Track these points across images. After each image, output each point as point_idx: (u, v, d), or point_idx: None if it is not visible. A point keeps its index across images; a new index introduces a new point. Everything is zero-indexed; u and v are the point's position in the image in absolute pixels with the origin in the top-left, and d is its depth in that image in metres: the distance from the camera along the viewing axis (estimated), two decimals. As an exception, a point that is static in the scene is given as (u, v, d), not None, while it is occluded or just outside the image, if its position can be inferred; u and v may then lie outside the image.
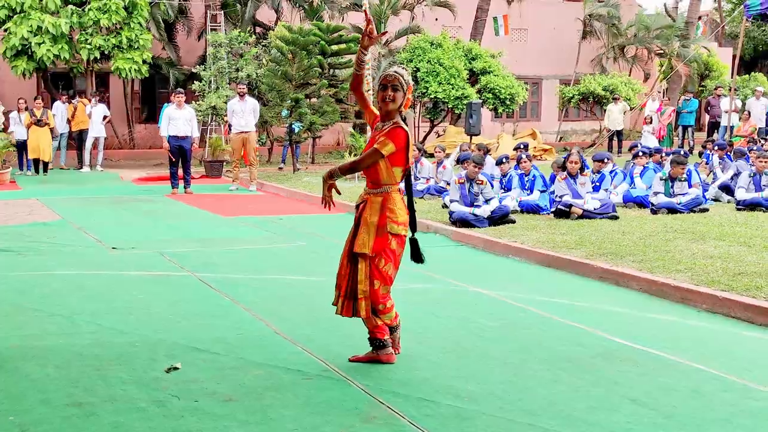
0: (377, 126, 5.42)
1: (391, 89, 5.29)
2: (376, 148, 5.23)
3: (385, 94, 5.30)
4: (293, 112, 19.55)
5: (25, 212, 13.21)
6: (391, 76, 5.32)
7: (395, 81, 5.30)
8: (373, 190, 5.38)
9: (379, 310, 5.39)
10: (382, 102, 5.32)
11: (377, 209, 5.31)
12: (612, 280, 8.24)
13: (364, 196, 5.44)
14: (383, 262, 5.32)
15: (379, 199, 5.33)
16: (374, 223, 5.29)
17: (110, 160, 23.62)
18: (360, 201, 5.46)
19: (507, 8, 30.69)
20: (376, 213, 5.30)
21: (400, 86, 5.31)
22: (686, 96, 25.71)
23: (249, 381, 5.18)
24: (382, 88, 5.33)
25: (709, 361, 5.67)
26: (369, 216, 5.31)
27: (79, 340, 6.05)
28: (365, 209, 5.35)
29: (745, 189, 12.83)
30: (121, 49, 21.73)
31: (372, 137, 5.44)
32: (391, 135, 5.25)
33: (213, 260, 9.34)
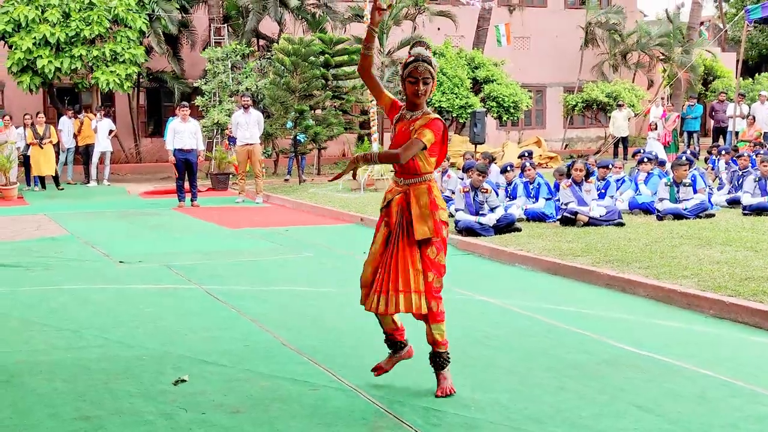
0: (402, 114, 5.10)
1: (422, 83, 4.95)
2: (417, 139, 4.86)
3: (416, 88, 4.95)
4: (298, 123, 19.61)
5: (33, 227, 13.26)
6: (422, 67, 4.93)
7: (426, 74, 4.94)
8: (413, 179, 5.03)
9: (432, 311, 5.03)
10: (412, 96, 4.99)
11: (425, 194, 4.99)
12: (618, 286, 8.23)
13: (401, 187, 5.07)
14: (435, 251, 5.01)
15: (423, 186, 5.02)
16: (426, 207, 4.96)
17: (117, 174, 23.71)
18: (395, 194, 5.08)
19: (509, 17, 30.77)
20: (425, 198, 4.98)
21: (431, 78, 4.97)
22: (690, 102, 25.69)
23: (256, 392, 5.19)
24: (412, 82, 4.95)
25: (715, 366, 5.66)
26: (417, 203, 4.98)
27: (86, 354, 6.08)
28: (409, 198, 5.00)
29: (750, 194, 12.81)
30: (104, 61, 21.76)
31: (401, 128, 5.08)
32: (429, 125, 4.92)
33: (220, 272, 9.37)
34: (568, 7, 32.60)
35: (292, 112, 19.60)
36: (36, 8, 21.12)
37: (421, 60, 4.92)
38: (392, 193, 5.11)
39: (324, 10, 26.10)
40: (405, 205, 5.01)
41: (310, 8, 26.50)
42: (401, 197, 5.04)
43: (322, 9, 26.20)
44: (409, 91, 4.99)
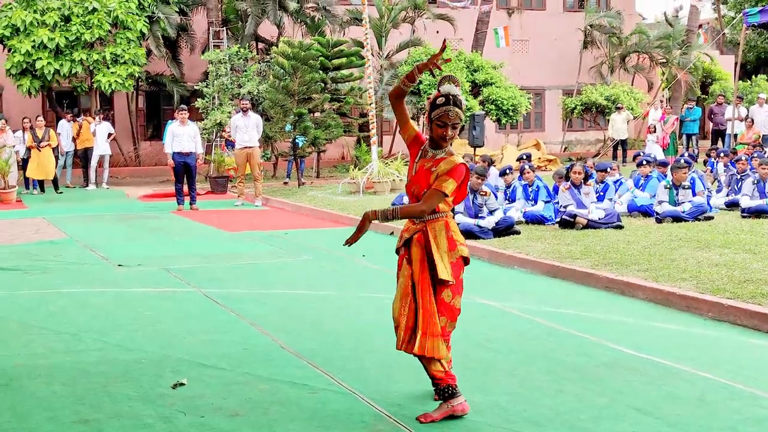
0: (425, 150, 4.92)
1: (451, 128, 4.78)
2: (438, 191, 4.72)
3: (443, 132, 4.78)
4: (297, 126, 19.62)
5: (32, 231, 13.26)
6: (452, 113, 4.76)
7: (456, 120, 4.78)
8: (430, 217, 4.84)
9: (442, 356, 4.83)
10: (439, 139, 4.81)
11: (442, 232, 4.83)
12: (617, 289, 8.24)
13: (418, 226, 4.88)
14: (450, 295, 4.84)
15: (440, 223, 4.84)
16: (444, 248, 4.82)
17: (116, 178, 23.70)
18: (412, 232, 4.90)
19: (508, 20, 30.79)
20: (442, 236, 4.83)
21: (460, 122, 4.81)
22: (689, 104, 25.72)
23: (255, 396, 5.19)
24: (440, 126, 4.78)
25: (714, 369, 5.66)
26: (436, 242, 4.81)
27: (85, 358, 6.08)
28: (427, 236, 4.82)
29: (749, 196, 12.82)
30: (105, 64, 21.80)
31: (422, 166, 4.88)
32: (453, 173, 4.75)
33: (218, 276, 9.37)
34: (566, 10, 32.62)
35: (291, 115, 19.61)
36: (34, 12, 21.13)
37: (452, 104, 4.74)
38: (409, 232, 4.94)
39: (323, 14, 26.12)
40: (423, 243, 4.85)
41: (309, 11, 26.52)
42: (419, 236, 4.87)
43: (321, 12, 26.23)
44: (437, 134, 4.82)
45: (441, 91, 4.81)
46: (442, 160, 4.82)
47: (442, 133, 4.79)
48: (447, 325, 4.85)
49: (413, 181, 4.92)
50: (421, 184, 4.84)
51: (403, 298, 4.89)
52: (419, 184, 4.85)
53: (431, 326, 4.74)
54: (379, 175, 17.97)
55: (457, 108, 4.76)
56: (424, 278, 4.82)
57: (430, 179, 4.80)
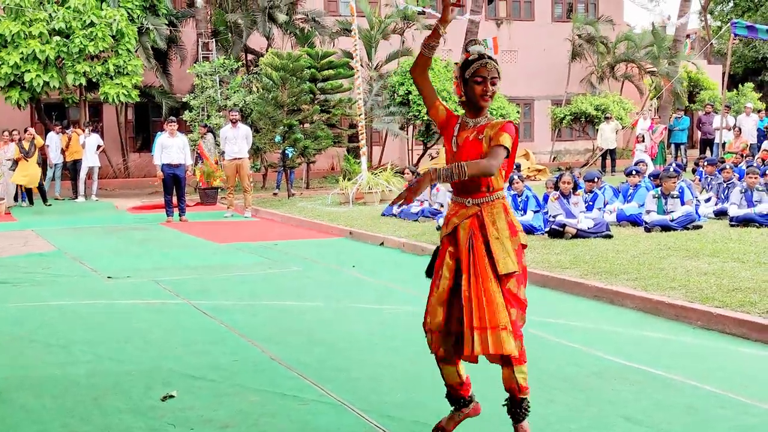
0: (464, 123, 4.40)
1: (490, 83, 4.30)
2: (500, 146, 4.20)
3: (484, 89, 4.28)
4: (286, 137, 19.62)
5: (20, 243, 13.21)
6: (490, 65, 4.30)
7: (495, 73, 4.30)
8: (484, 198, 4.30)
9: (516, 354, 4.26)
10: (479, 98, 4.30)
11: (501, 216, 4.29)
12: (606, 298, 8.26)
13: (470, 208, 4.31)
14: (516, 284, 4.28)
15: (498, 206, 4.31)
16: (506, 235, 4.26)
17: (105, 190, 23.65)
18: (463, 218, 4.31)
19: (496, 30, 30.90)
20: (502, 220, 4.28)
21: (499, 77, 4.33)
22: (677, 114, 25.85)
23: (245, 407, 5.18)
24: (479, 82, 4.28)
25: (704, 377, 5.68)
26: (495, 228, 4.25)
27: (74, 370, 6.05)
28: (482, 221, 4.27)
29: (737, 205, 12.87)
30: (109, 76, 21.84)
31: (466, 138, 4.35)
32: (505, 128, 4.27)
33: (208, 287, 9.35)
34: (555, 20, 32.76)
35: (280, 127, 19.62)
36: (22, 24, 21.10)
37: (488, 58, 4.31)
38: (459, 217, 4.33)
39: (312, 25, 26.17)
40: (478, 229, 4.27)
41: (299, 23, 26.57)
42: (472, 221, 4.28)
43: (311, 24, 26.28)
44: (477, 92, 4.29)
45: (470, 51, 4.37)
46: (485, 125, 4.33)
47: (482, 90, 4.29)
48: (518, 318, 4.28)
49: (461, 155, 4.32)
50: (471, 155, 4.28)
51: (441, 304, 4.39)
52: (470, 156, 4.28)
53: (496, 318, 4.14)
54: (369, 186, 17.98)
55: (493, 62, 4.32)
56: (482, 267, 4.19)
57: (481, 148, 4.27)
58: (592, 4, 33.65)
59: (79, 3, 21.35)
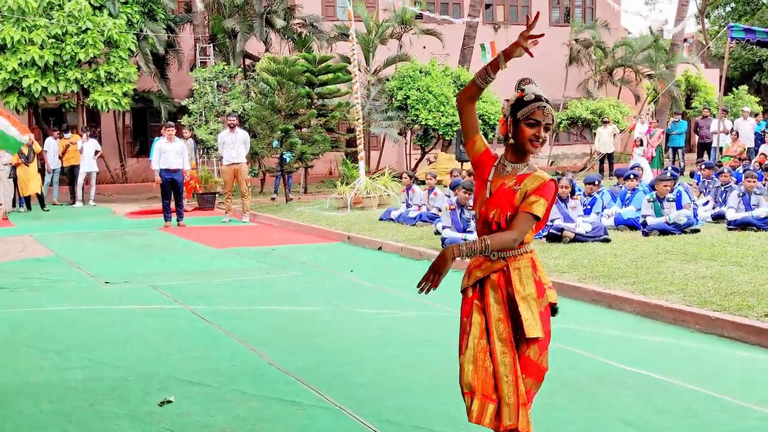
0: (501, 165, 3.99)
1: (543, 129, 3.90)
2: (528, 214, 3.82)
3: (536, 132, 3.89)
4: (284, 142, 19.63)
5: (18, 249, 13.20)
6: (548, 110, 3.93)
7: (551, 119, 3.93)
8: (511, 252, 3.89)
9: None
10: (528, 142, 3.90)
11: (529, 276, 3.90)
12: (605, 302, 8.25)
13: (496, 264, 3.91)
14: (538, 351, 3.92)
15: (525, 260, 3.91)
16: (533, 296, 3.88)
17: (103, 195, 23.63)
18: (488, 272, 3.93)
19: (494, 34, 30.94)
20: (529, 280, 3.90)
21: (553, 123, 3.98)
22: (675, 118, 25.87)
23: (243, 412, 5.17)
24: (531, 124, 3.89)
25: (702, 381, 5.67)
26: (522, 285, 3.88)
27: (72, 375, 6.04)
28: (509, 278, 3.89)
29: (735, 209, 12.88)
30: (100, 82, 21.82)
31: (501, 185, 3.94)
32: (542, 191, 3.86)
33: (206, 292, 9.34)
34: (552, 24, 32.80)
35: (277, 131, 19.63)
36: (23, 30, 21.10)
37: (545, 101, 3.95)
38: (483, 271, 3.96)
39: (310, 30, 26.19)
40: (504, 287, 3.91)
41: (296, 28, 26.59)
42: (499, 277, 3.91)
43: (308, 29, 26.30)
44: (526, 136, 3.89)
45: (525, 90, 4.00)
46: (526, 176, 3.92)
47: (534, 134, 3.89)
48: (533, 386, 3.93)
49: (492, 204, 3.93)
50: (503, 207, 3.90)
51: (477, 360, 3.90)
52: (500, 207, 3.90)
53: (521, 394, 3.83)
54: (367, 191, 17.98)
55: (548, 104, 3.95)
56: (506, 331, 3.90)
57: (514, 200, 3.88)
58: (590, 8, 33.73)
59: (74, 8, 21.35)
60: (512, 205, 3.87)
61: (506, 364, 3.84)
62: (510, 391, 3.81)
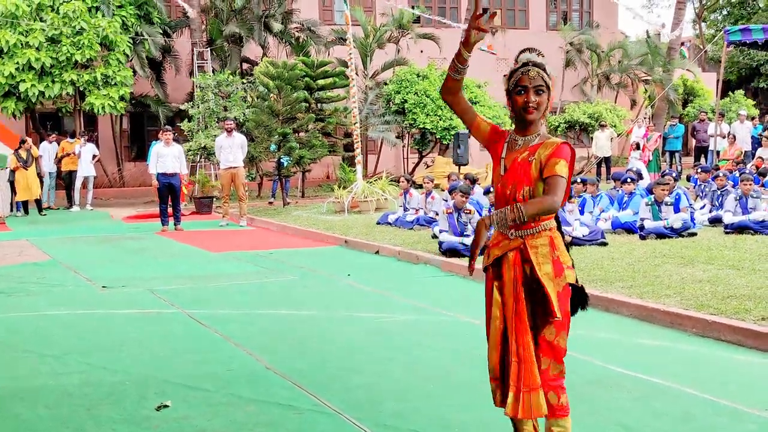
0: (512, 141, 3.95)
1: (533, 93, 3.84)
2: (556, 176, 3.71)
3: (525, 99, 3.83)
4: (281, 146, 19.64)
5: (15, 253, 13.18)
6: (533, 72, 3.85)
7: (539, 81, 3.85)
8: (530, 230, 3.83)
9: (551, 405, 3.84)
10: (522, 111, 3.86)
11: (547, 254, 3.82)
12: (602, 306, 8.25)
13: (513, 243, 3.84)
14: (554, 332, 3.82)
15: (545, 240, 3.83)
16: (549, 275, 3.79)
17: (100, 199, 23.63)
18: (505, 249, 3.87)
19: (491, 38, 30.93)
20: (547, 260, 3.81)
21: (546, 87, 3.87)
22: (672, 121, 25.90)
23: (240, 417, 5.16)
24: (520, 91, 3.84)
25: (700, 385, 5.67)
26: (538, 266, 3.80)
27: (69, 380, 6.03)
28: (527, 257, 3.82)
29: (732, 212, 12.89)
30: (96, 85, 21.80)
31: (515, 159, 3.88)
32: (558, 153, 3.76)
33: (203, 296, 9.34)
34: (549, 28, 32.87)
35: (275, 136, 19.63)
36: (19, 33, 21.09)
37: (532, 65, 3.89)
38: (501, 249, 3.89)
39: (307, 34, 26.21)
40: (521, 267, 3.84)
41: (294, 32, 26.61)
42: (516, 256, 3.84)
43: (306, 33, 26.32)
44: (518, 103, 3.85)
45: (518, 60, 3.98)
46: (539, 146, 3.84)
47: (524, 101, 3.83)
48: (551, 367, 3.85)
49: (509, 179, 3.86)
50: (520, 180, 3.82)
51: (495, 348, 3.92)
52: (518, 181, 3.82)
53: (529, 378, 3.76)
54: (364, 195, 17.98)
55: (538, 68, 3.87)
56: (521, 311, 3.81)
57: (530, 172, 3.80)
58: (587, 12, 33.78)
59: (69, 9, 21.34)
60: (529, 178, 3.80)
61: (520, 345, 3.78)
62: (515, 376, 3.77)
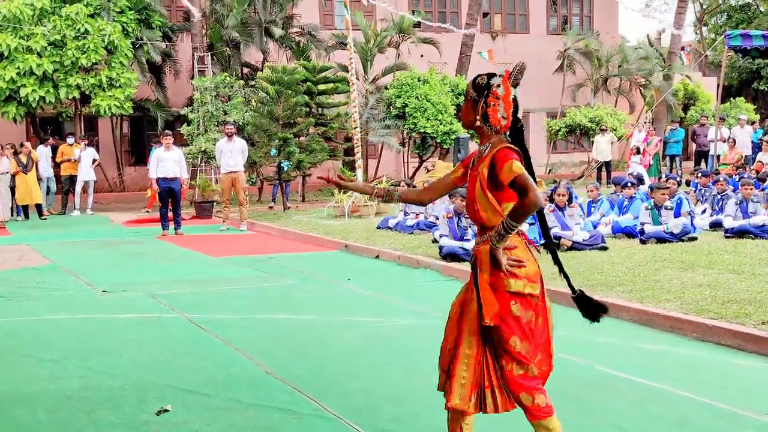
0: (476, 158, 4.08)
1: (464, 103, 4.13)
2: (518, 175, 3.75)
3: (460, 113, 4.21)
4: (281, 151, 19.65)
5: (15, 257, 13.19)
6: (466, 89, 4.08)
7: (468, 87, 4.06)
8: (481, 237, 4.01)
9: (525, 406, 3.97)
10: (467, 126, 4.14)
11: (487, 261, 3.91)
12: (602, 310, 8.23)
13: (475, 248, 4.06)
14: (505, 336, 3.89)
15: (488, 248, 3.91)
16: (487, 281, 3.91)
17: (101, 204, 23.63)
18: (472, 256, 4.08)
19: (492, 43, 31.01)
20: (486, 267, 3.91)
21: (467, 95, 4.06)
22: (672, 126, 25.93)
23: (240, 422, 5.16)
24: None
25: (698, 389, 5.67)
26: (482, 272, 3.92)
27: (68, 384, 6.04)
28: (480, 263, 3.95)
29: (732, 217, 12.89)
30: (101, 88, 21.84)
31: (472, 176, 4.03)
32: (504, 157, 3.83)
33: (203, 301, 9.34)
34: (550, 33, 32.89)
35: (275, 140, 19.64)
36: (20, 38, 21.11)
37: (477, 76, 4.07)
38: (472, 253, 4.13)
39: (308, 39, 26.24)
40: (472, 272, 4.02)
41: (295, 36, 26.64)
42: (475, 260, 4.01)
43: (306, 37, 26.35)
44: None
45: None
46: (488, 156, 3.94)
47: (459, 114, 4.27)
48: (514, 368, 3.92)
49: (469, 197, 4.03)
50: (470, 195, 4.00)
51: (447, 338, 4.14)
52: (470, 198, 4.01)
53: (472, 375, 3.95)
54: (364, 199, 17.99)
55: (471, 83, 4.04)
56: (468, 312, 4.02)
57: (475, 186, 3.97)
58: (587, 17, 33.80)
59: (72, 11, 21.36)
60: (473, 194, 3.96)
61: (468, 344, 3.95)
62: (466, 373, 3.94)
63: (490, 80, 3.99)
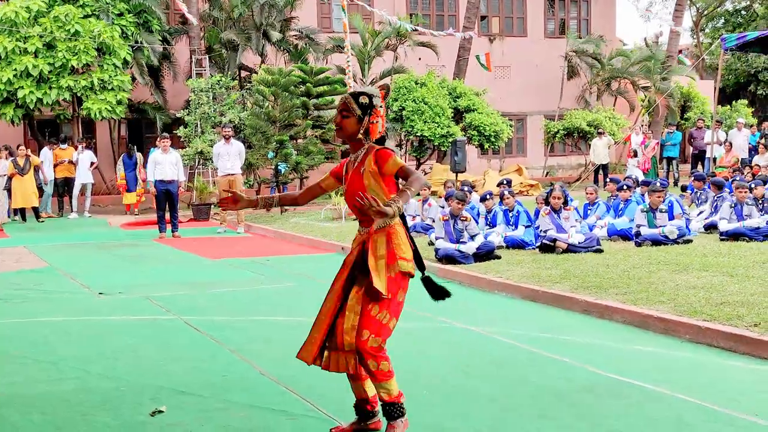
0: (350, 163, 4.80)
1: (340, 116, 4.69)
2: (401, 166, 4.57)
3: (336, 120, 4.75)
4: (279, 153, 19.67)
5: (13, 260, 13.20)
6: (342, 98, 4.72)
7: (343, 106, 4.66)
8: (368, 226, 4.68)
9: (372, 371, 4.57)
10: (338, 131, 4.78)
11: (383, 245, 4.57)
12: (596, 312, 8.28)
13: (362, 236, 4.71)
14: (378, 310, 4.51)
15: (383, 235, 4.59)
16: (383, 258, 4.55)
17: (98, 206, 23.64)
18: (356, 244, 4.75)
19: (489, 46, 31.06)
20: (383, 249, 4.56)
21: (350, 112, 4.65)
22: (669, 129, 25.97)
23: (234, 423, 5.19)
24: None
25: (692, 391, 5.70)
26: (374, 254, 4.56)
27: (64, 386, 6.05)
28: (367, 247, 4.62)
29: (727, 219, 12.93)
30: (93, 90, 21.81)
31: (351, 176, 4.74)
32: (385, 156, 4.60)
33: (200, 303, 9.36)
34: (547, 36, 32.95)
35: (272, 142, 19.66)
36: (17, 40, 21.13)
37: (348, 94, 4.72)
38: (355, 242, 4.79)
39: (306, 42, 26.28)
40: (360, 254, 4.67)
41: (292, 39, 26.68)
42: (359, 246, 4.71)
43: (304, 41, 26.39)
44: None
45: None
46: (366, 156, 4.67)
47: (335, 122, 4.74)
48: (370, 339, 4.50)
49: (349, 192, 4.71)
50: (356, 187, 4.64)
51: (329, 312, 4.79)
52: (356, 190, 4.63)
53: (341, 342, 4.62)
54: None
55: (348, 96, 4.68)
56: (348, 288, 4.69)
57: (363, 179, 4.64)
58: (585, 20, 33.86)
59: (61, 13, 21.35)
60: (362, 186, 4.61)
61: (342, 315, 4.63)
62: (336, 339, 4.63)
63: (372, 100, 4.62)
